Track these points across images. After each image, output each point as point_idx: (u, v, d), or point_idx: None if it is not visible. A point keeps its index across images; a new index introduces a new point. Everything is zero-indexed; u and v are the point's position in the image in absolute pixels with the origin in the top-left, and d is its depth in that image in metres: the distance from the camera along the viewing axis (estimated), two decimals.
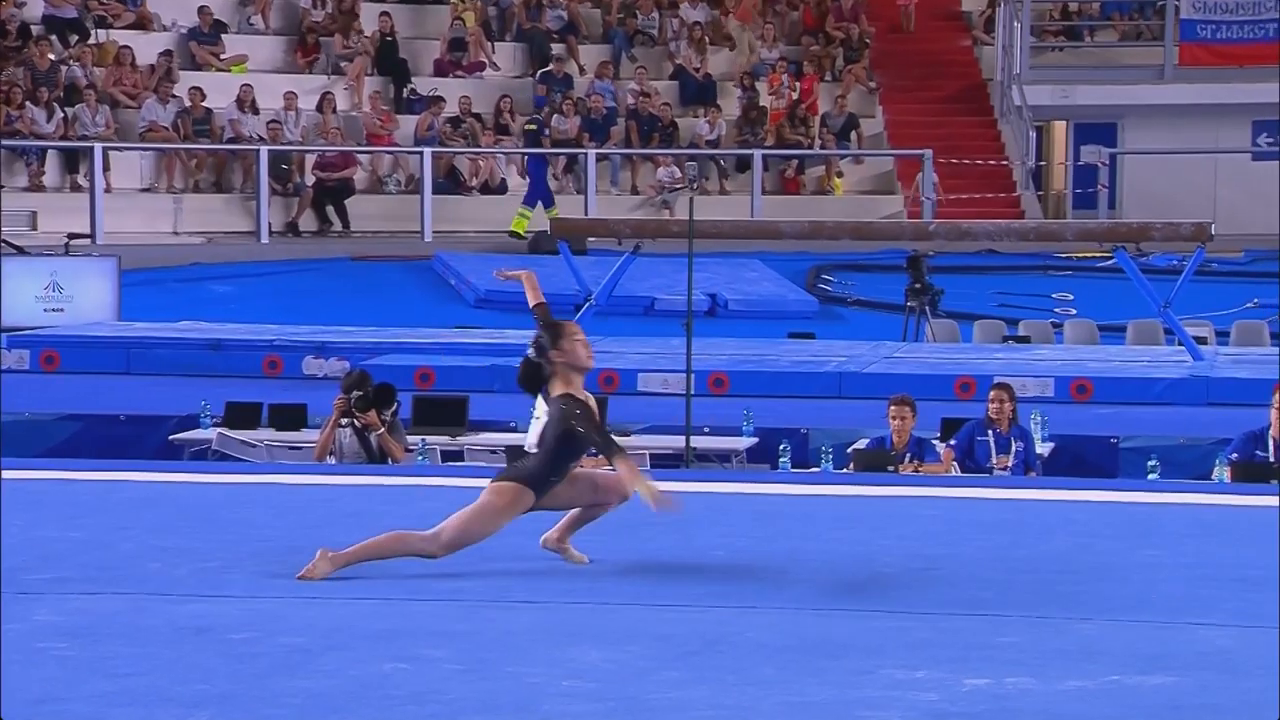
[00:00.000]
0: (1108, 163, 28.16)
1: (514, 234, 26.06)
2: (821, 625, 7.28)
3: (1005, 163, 28.69)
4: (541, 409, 8.12)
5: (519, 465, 8.14)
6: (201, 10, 27.69)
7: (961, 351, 17.86)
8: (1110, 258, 20.74)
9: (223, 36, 27.75)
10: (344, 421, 12.37)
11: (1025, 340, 19.40)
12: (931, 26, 30.71)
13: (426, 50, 28.98)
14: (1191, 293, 24.74)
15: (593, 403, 8.07)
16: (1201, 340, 18.84)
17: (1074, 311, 23.74)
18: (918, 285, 20.49)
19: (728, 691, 6.30)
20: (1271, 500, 10.05)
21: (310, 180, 26.26)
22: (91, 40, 26.78)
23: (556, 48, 29.27)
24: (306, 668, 6.42)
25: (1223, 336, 20.75)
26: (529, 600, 7.61)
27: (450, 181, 27.07)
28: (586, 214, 25.28)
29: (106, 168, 25.03)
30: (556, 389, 7.96)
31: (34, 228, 24.03)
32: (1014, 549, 8.94)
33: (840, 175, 28.52)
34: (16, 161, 25.15)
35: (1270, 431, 11.99)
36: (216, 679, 6.22)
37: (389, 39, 28.36)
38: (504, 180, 27.46)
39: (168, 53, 26.79)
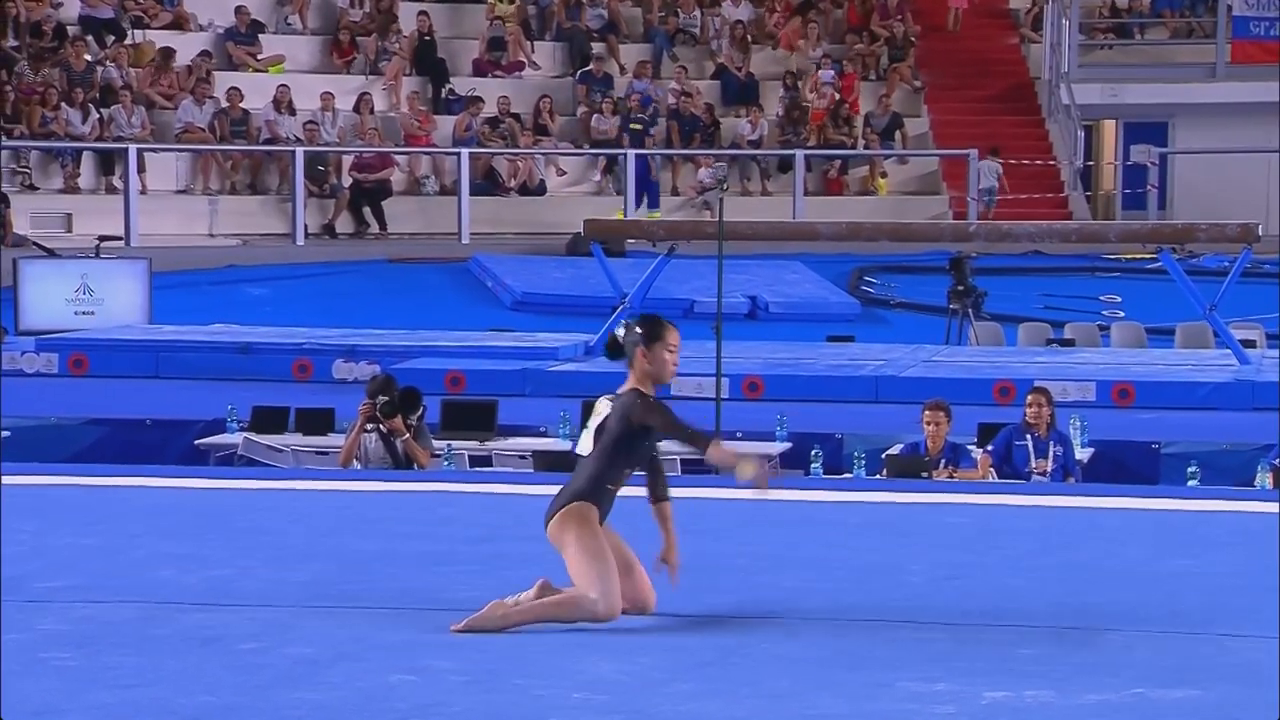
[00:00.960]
0: (1157, 162, 27.97)
1: None
2: (841, 636, 7.22)
3: (1053, 162, 28.53)
4: (602, 409, 7.47)
5: (564, 491, 7.43)
6: (239, 10, 27.74)
7: (1002, 355, 17.75)
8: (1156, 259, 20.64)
9: (260, 37, 27.81)
10: (369, 427, 12.34)
11: (1070, 343, 19.27)
12: (978, 24, 30.56)
13: (465, 50, 28.98)
14: (1243, 295, 24.62)
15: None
16: (1251, 344, 18.71)
17: (1122, 314, 23.59)
18: (961, 287, 20.37)
19: (741, 704, 6.25)
20: None
21: (347, 182, 26.27)
22: (128, 41, 26.84)
23: (597, 47, 29.23)
24: (313, 679, 6.39)
25: (1275, 339, 20.59)
26: None
27: (488, 182, 27.06)
28: (626, 215, 25.24)
29: (142, 169, 25.06)
30: (627, 384, 7.37)
31: (69, 230, 24.11)
32: (1042, 556, 8.87)
33: (884, 175, 28.41)
34: (52, 163, 25.24)
35: None
36: (221, 690, 6.20)
37: (427, 38, 28.37)
38: (542, 181, 27.45)
39: (205, 53, 26.85)
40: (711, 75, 29.42)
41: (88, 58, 25.92)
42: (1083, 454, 13.20)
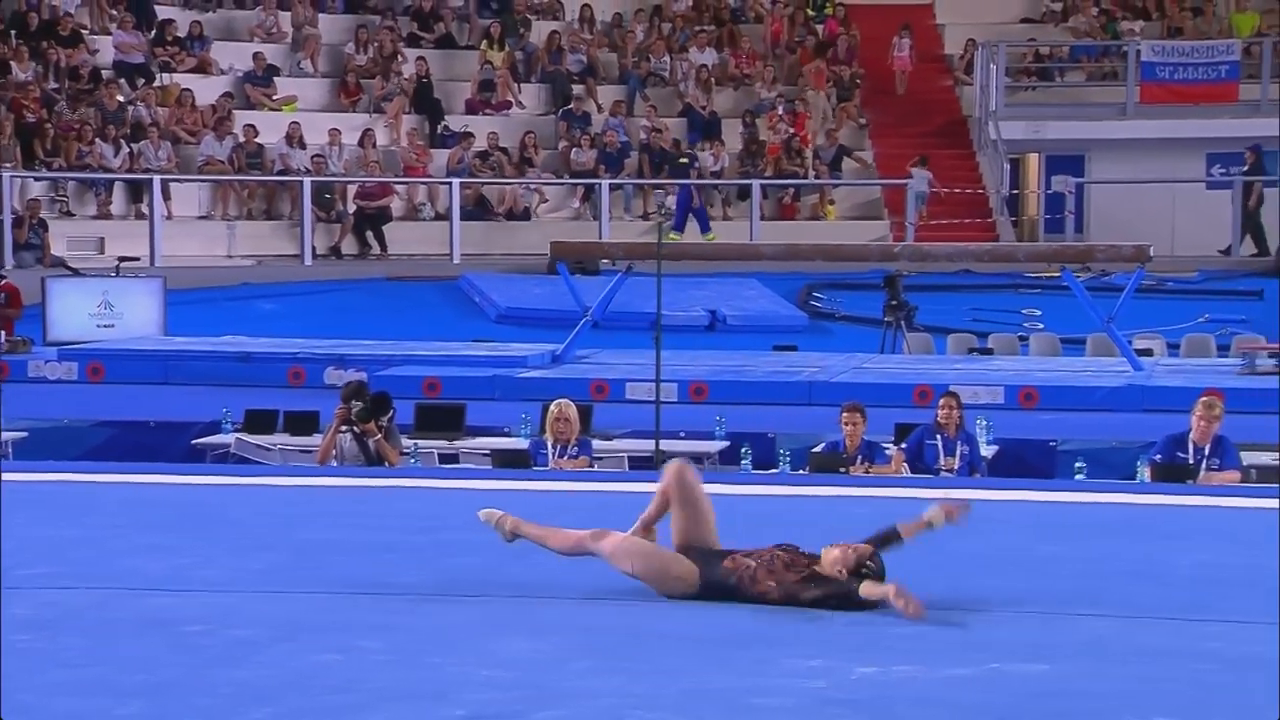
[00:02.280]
0: (1074, 191, 27.82)
1: None
2: (739, 618, 7.08)
3: (982, 191, 28.41)
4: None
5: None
6: (256, 56, 27.60)
7: (924, 362, 17.60)
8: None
9: (275, 79, 27.64)
10: (344, 428, 12.19)
11: (989, 352, 19.13)
12: (917, 69, 30.41)
13: (459, 91, 28.83)
14: (1149, 309, 24.60)
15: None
16: (1148, 353, 18.57)
17: (1041, 326, 23.45)
18: (894, 302, 20.28)
19: (636, 681, 6.12)
20: (1177, 499, 9.83)
21: (351, 208, 26.12)
22: (156, 83, 26.69)
23: (577, 88, 29.08)
24: (249, 659, 6.26)
25: (1175, 349, 20.46)
26: (472, 595, 7.42)
27: (479, 209, 26.92)
28: (600, 238, 25.10)
29: (168, 198, 24.96)
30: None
31: (101, 252, 23.92)
32: (934, 544, 8.65)
33: (832, 202, 28.26)
34: (87, 193, 25.08)
35: (1190, 435, 11.73)
36: (160, 669, 6.06)
37: (425, 81, 28.21)
38: (527, 208, 27.29)
39: (226, 94, 26.70)
40: (679, 113, 29.27)
41: (120, 98, 25.78)
42: (988, 451, 13.07)
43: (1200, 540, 8.81)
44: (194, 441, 13.31)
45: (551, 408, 12.45)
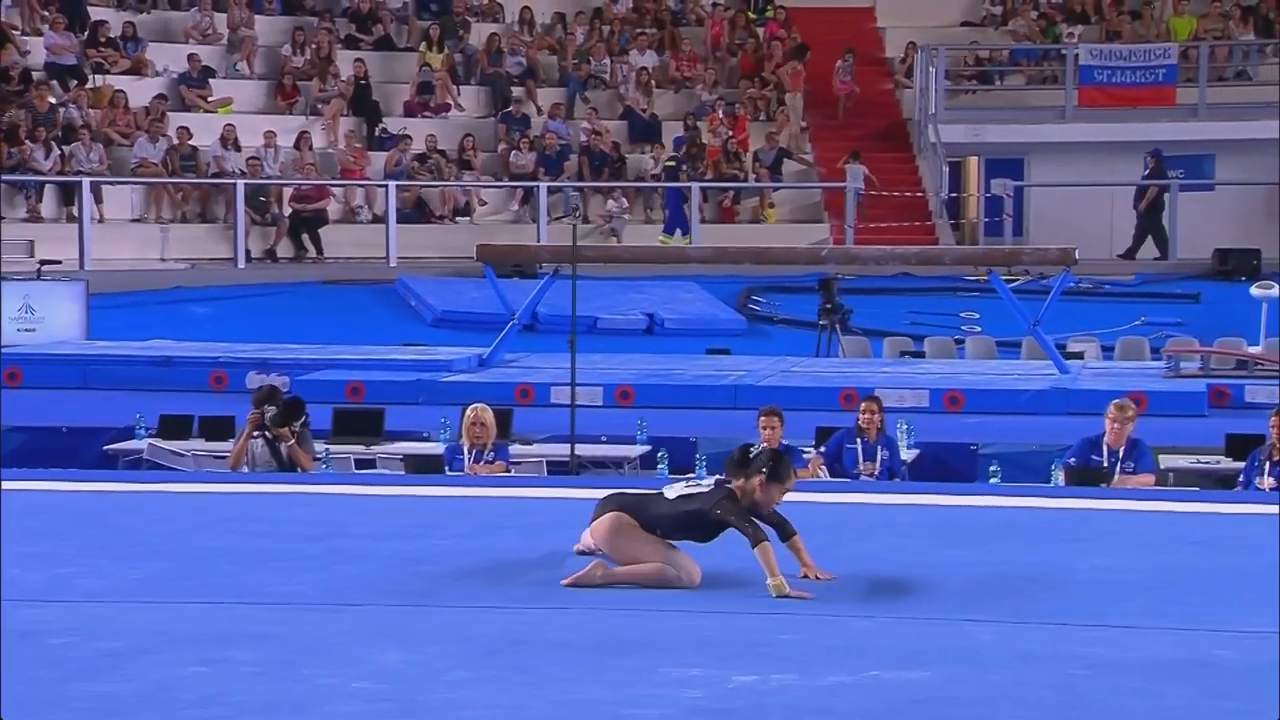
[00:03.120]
0: (1012, 194, 27.79)
1: None
2: (622, 625, 7.00)
3: (921, 194, 28.38)
4: (707, 483, 7.80)
5: (649, 511, 7.73)
6: (191, 57, 27.36)
7: (852, 365, 17.53)
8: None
9: (210, 81, 27.40)
10: (256, 433, 12.03)
11: (920, 355, 19.07)
12: (857, 71, 30.33)
13: (397, 93, 28.64)
14: (1087, 311, 24.62)
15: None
16: (1078, 356, 18.55)
17: (979, 329, 23.43)
18: (829, 305, 20.23)
19: (507, 691, 6.01)
20: (1087, 503, 9.76)
21: (287, 211, 25.91)
22: (89, 85, 26.42)
23: (517, 91, 28.93)
24: (112, 672, 6.12)
25: (1109, 351, 20.44)
26: (356, 604, 7.29)
27: (417, 212, 26.75)
28: (539, 240, 24.96)
29: (100, 200, 24.71)
30: (734, 482, 7.64)
31: (30, 255, 23.62)
32: (836, 549, 8.62)
33: (773, 206, 28.18)
34: (17, 195, 24.80)
35: (1105, 439, 11.68)
36: (18, 683, 5.90)
37: (363, 83, 28.02)
38: (467, 206, 27.17)
39: (160, 96, 26.46)
40: (619, 115, 29.15)
41: (51, 100, 25.50)
42: (908, 455, 12.99)
43: (1101, 544, 8.75)
44: (106, 447, 13.11)
45: (467, 412, 12.34)
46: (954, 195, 28.97)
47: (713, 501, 7.59)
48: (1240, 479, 11.98)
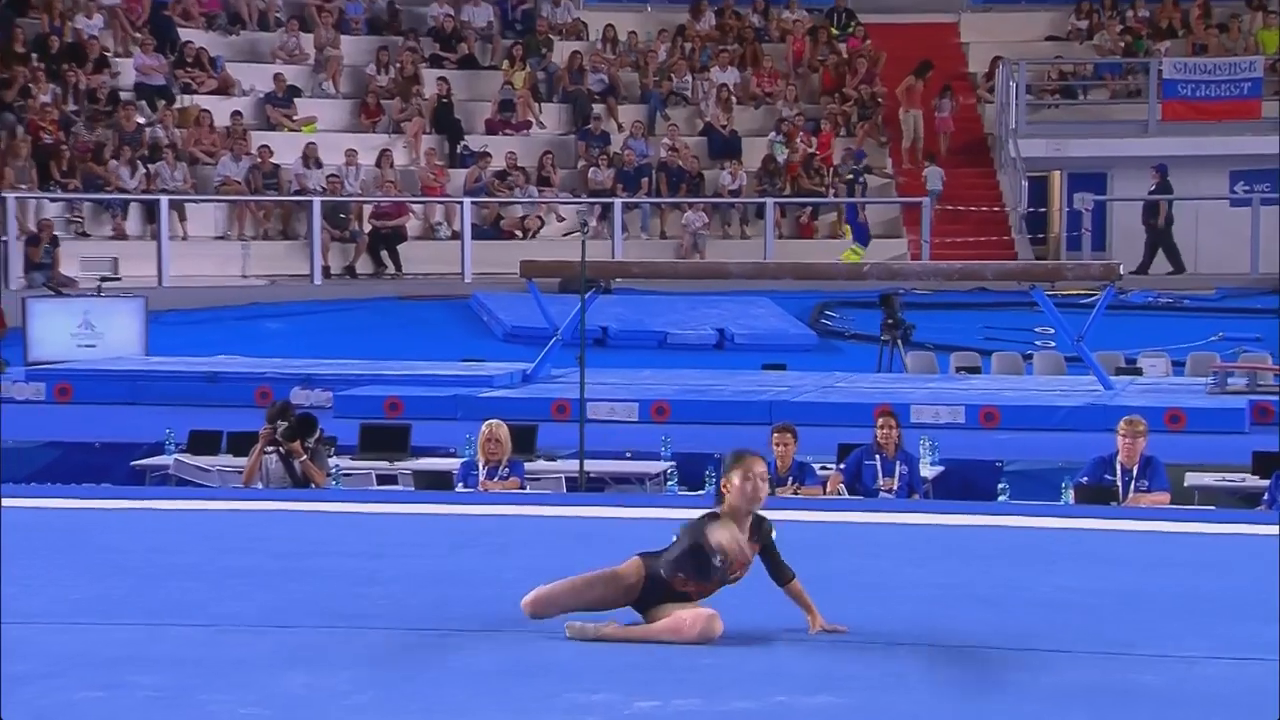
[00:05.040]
0: (1091, 208, 27.32)
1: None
2: (543, 649, 6.77)
3: (1001, 209, 27.94)
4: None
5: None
6: (277, 77, 27.54)
7: (895, 381, 17.22)
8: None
9: (295, 100, 27.57)
10: (269, 449, 11.97)
11: (975, 371, 18.70)
12: (940, 86, 29.91)
13: (479, 111, 28.66)
14: (1166, 326, 24.08)
15: (736, 543, 6.91)
16: (1135, 371, 18.09)
17: (1053, 344, 23.01)
18: (890, 320, 19.97)
19: (402, 718, 5.82)
20: (1090, 523, 9.42)
21: (367, 228, 25.99)
22: (177, 104, 26.66)
23: (597, 108, 28.84)
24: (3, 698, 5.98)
25: (1180, 366, 19.94)
26: (284, 625, 7.13)
27: (495, 229, 26.73)
28: (614, 257, 24.84)
29: (184, 218, 24.95)
30: (721, 508, 7.03)
31: (115, 272, 23.85)
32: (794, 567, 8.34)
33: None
34: (103, 214, 25.07)
35: (1118, 457, 11.32)
36: None
37: (445, 101, 28.07)
38: (542, 224, 27.11)
39: (236, 113, 26.60)
40: (699, 132, 28.97)
41: (139, 120, 25.77)
42: (931, 471, 12.69)
43: (1069, 565, 8.42)
44: (133, 463, 13.11)
45: (482, 428, 12.22)
46: (1038, 210, 28.50)
47: (689, 527, 7.03)
48: (1265, 497, 11.59)
